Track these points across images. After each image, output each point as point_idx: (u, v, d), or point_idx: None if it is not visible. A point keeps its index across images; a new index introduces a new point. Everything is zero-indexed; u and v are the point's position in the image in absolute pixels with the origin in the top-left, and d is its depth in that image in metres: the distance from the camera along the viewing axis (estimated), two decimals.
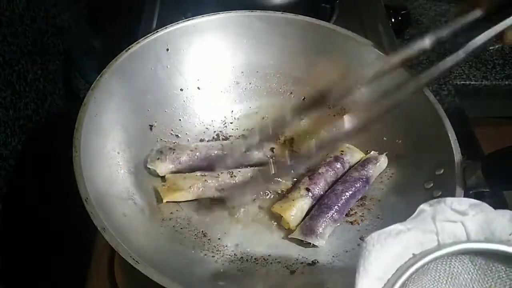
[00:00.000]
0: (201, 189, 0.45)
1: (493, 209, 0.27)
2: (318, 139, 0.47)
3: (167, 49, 0.50)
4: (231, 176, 0.47)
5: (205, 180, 0.46)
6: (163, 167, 0.47)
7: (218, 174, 0.47)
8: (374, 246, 0.26)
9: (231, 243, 0.44)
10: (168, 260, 0.39)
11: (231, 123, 0.54)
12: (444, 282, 0.28)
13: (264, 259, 0.43)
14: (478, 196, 0.41)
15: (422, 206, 0.27)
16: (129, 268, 0.33)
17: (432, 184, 0.43)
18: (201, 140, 0.52)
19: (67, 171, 0.37)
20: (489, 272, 0.27)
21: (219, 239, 0.44)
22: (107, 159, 0.43)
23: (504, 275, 0.27)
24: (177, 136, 0.51)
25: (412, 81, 0.39)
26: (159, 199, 0.45)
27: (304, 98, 0.55)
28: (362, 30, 0.65)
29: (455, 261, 0.27)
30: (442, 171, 0.43)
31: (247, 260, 0.42)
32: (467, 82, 0.73)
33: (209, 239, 0.44)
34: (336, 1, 0.67)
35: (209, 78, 0.54)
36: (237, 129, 0.54)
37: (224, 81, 0.55)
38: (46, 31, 0.61)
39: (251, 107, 0.55)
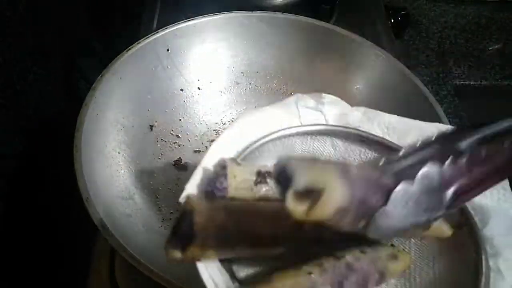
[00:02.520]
0: None
1: (349, 105, 0.31)
2: None
3: (168, 50, 0.50)
4: None
5: None
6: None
7: None
8: (243, 114, 0.29)
9: None
10: None
11: (231, 123, 0.54)
12: None
13: None
14: None
15: (286, 98, 0.31)
16: (129, 268, 0.33)
17: None
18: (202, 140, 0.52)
19: (67, 171, 0.37)
20: (346, 154, 0.30)
21: None
22: (108, 159, 0.43)
23: (358, 157, 0.30)
24: (177, 136, 0.51)
25: None
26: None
27: None
28: (362, 30, 0.65)
29: (317, 142, 0.30)
30: None
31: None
32: (467, 82, 0.73)
33: None
34: (336, 2, 0.67)
35: (209, 78, 0.54)
36: None
37: (224, 81, 0.55)
38: (47, 31, 0.61)
39: (251, 107, 0.55)
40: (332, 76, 0.54)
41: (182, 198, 0.24)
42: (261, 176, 0.25)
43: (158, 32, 0.49)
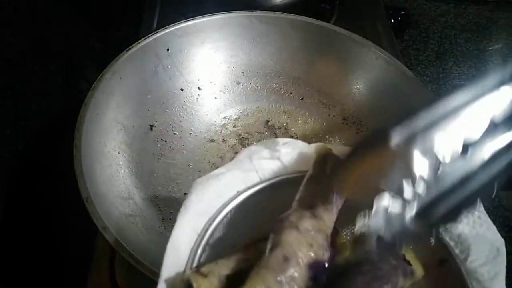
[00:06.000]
0: None
1: (304, 143, 0.30)
2: None
3: (168, 49, 0.50)
4: None
5: None
6: None
7: None
8: (195, 189, 0.26)
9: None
10: None
11: (231, 123, 0.54)
12: (274, 213, 0.28)
13: None
14: None
15: (239, 153, 0.29)
16: (129, 268, 0.33)
17: None
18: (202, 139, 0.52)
19: (67, 171, 0.37)
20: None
21: None
22: (108, 158, 0.43)
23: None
24: (177, 136, 0.51)
25: None
26: None
27: (302, 98, 0.55)
28: (362, 30, 0.65)
29: (280, 192, 0.28)
30: None
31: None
32: (467, 82, 0.73)
33: None
34: (336, 2, 0.67)
35: (209, 78, 0.54)
36: (237, 129, 0.54)
37: (224, 81, 0.55)
38: (47, 31, 0.61)
39: (251, 107, 0.55)
40: (332, 76, 0.54)
41: None
42: (232, 280, 0.23)
43: (158, 32, 0.49)
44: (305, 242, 0.23)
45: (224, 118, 0.54)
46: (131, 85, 0.47)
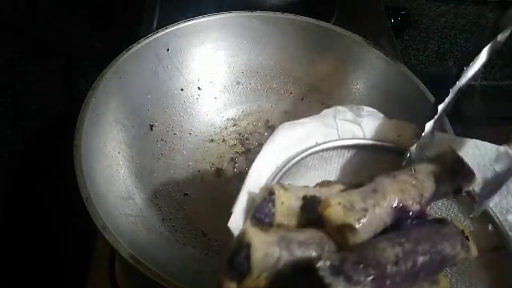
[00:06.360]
0: None
1: (385, 117, 0.32)
2: None
3: (168, 49, 0.50)
4: None
5: None
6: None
7: None
8: (282, 128, 0.28)
9: None
10: (169, 260, 0.39)
11: (231, 122, 0.54)
12: (343, 173, 0.31)
13: None
14: None
15: (325, 110, 0.31)
16: (129, 268, 0.33)
17: None
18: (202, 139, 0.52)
19: (67, 171, 0.37)
20: (385, 167, 0.30)
21: (219, 239, 0.44)
22: (108, 158, 0.43)
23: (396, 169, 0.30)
24: (177, 136, 0.51)
25: None
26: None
27: (302, 98, 0.55)
28: (362, 30, 0.65)
29: (355, 155, 0.31)
30: None
31: None
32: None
33: (209, 239, 0.44)
34: (336, 2, 0.67)
35: (209, 78, 0.54)
36: (237, 129, 0.54)
37: (224, 81, 0.55)
38: (47, 31, 0.61)
39: (251, 107, 0.55)
40: (332, 76, 0.54)
41: (231, 223, 0.24)
42: (307, 201, 0.25)
43: (158, 32, 0.49)
44: (397, 188, 0.25)
45: (224, 118, 0.54)
46: (131, 85, 0.47)
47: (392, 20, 0.71)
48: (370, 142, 0.31)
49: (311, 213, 0.24)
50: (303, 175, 0.29)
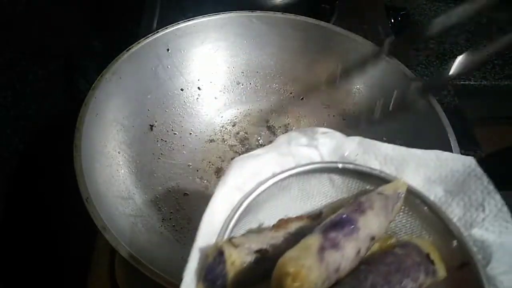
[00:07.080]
0: None
1: (342, 135, 0.30)
2: None
3: (168, 49, 0.50)
4: None
5: None
6: None
7: None
8: (235, 165, 0.27)
9: None
10: (169, 260, 0.39)
11: (231, 123, 0.54)
12: (304, 199, 0.30)
13: None
14: None
15: (279, 137, 0.30)
16: (129, 268, 0.33)
17: None
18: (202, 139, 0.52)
19: (67, 171, 0.37)
20: (344, 189, 0.30)
21: None
22: (108, 158, 0.43)
23: (356, 190, 0.30)
24: (177, 136, 0.51)
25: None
26: None
27: (302, 98, 0.55)
28: (362, 30, 0.65)
29: (314, 179, 0.30)
30: None
31: None
32: (467, 82, 0.73)
33: None
34: (336, 2, 0.67)
35: (209, 78, 0.54)
36: (237, 129, 0.54)
37: (224, 81, 0.55)
38: (47, 31, 0.61)
39: (251, 107, 0.55)
40: (332, 76, 0.54)
41: None
42: (260, 254, 0.24)
43: (158, 32, 0.49)
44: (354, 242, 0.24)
45: (224, 118, 0.54)
46: (131, 85, 0.47)
47: (392, 20, 0.71)
48: (327, 165, 0.29)
49: (267, 263, 0.23)
50: (261, 208, 0.28)
